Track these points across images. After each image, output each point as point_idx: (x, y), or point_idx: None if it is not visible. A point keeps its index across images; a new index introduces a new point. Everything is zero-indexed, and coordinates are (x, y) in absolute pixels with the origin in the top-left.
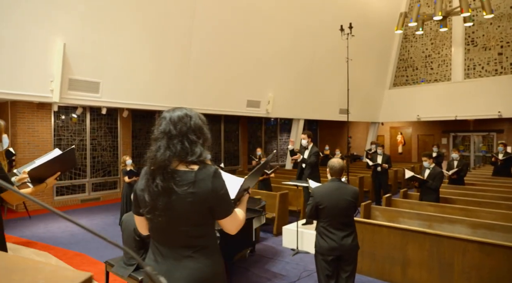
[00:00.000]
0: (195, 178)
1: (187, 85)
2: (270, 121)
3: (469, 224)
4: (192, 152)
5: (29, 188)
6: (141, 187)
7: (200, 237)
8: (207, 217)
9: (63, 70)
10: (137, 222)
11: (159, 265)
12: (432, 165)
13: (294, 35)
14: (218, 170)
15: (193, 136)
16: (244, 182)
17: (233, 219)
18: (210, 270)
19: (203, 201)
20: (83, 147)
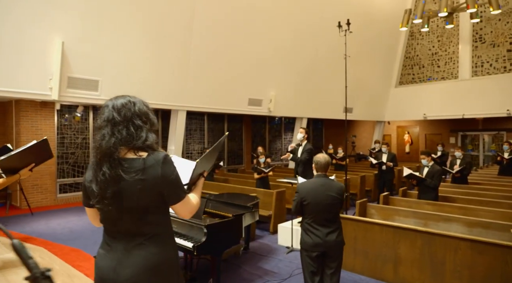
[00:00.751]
0: (144, 165)
1: (187, 83)
2: (274, 120)
3: (465, 222)
4: (138, 136)
5: (1, 178)
6: (89, 178)
7: (152, 224)
8: (159, 203)
9: (61, 68)
10: (88, 214)
11: (110, 254)
12: (431, 163)
13: (296, 33)
14: (168, 155)
15: (139, 121)
16: (196, 166)
17: (186, 204)
18: (159, 257)
19: (153, 187)
20: (86, 145)
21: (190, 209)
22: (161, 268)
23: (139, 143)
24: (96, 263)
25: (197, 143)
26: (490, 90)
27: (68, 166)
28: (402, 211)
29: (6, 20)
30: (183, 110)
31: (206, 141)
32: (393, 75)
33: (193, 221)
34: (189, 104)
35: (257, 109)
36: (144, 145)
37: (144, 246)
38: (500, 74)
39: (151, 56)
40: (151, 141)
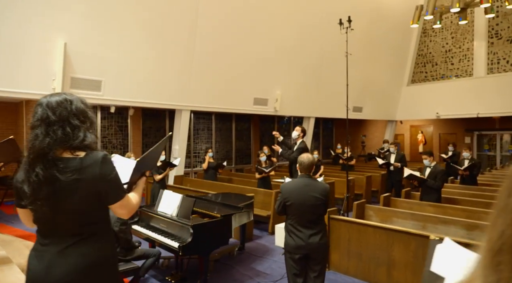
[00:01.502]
0: (81, 165)
1: (191, 83)
2: (283, 120)
3: (464, 225)
4: (76, 136)
5: None
6: (20, 178)
7: (88, 224)
8: (95, 203)
9: (64, 69)
10: (20, 215)
11: (43, 255)
12: (433, 163)
13: (301, 31)
14: (107, 155)
15: (76, 120)
16: (136, 165)
17: (125, 204)
18: (94, 257)
19: (90, 187)
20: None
21: (129, 208)
22: (95, 269)
23: (76, 142)
24: (28, 264)
25: (204, 143)
26: (507, 88)
27: None
28: (401, 212)
29: (8, 21)
30: (186, 110)
31: (213, 141)
32: (405, 73)
33: (180, 221)
34: (193, 104)
35: (263, 108)
36: (82, 144)
37: (78, 246)
38: None
39: (154, 56)
40: (89, 141)
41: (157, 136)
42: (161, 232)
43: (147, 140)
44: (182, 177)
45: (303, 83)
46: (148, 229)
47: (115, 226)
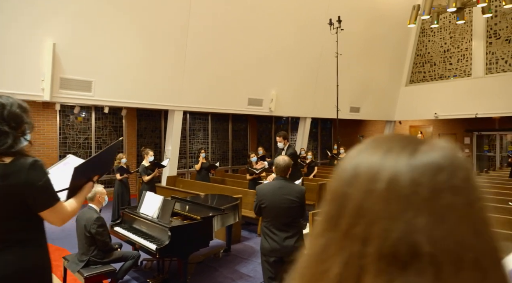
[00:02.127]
0: (5, 171)
1: (183, 83)
2: (281, 120)
3: None
4: (1, 142)
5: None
6: None
7: (14, 231)
8: (22, 210)
9: (53, 69)
10: None
11: None
12: None
13: (298, 31)
14: (37, 161)
15: (5, 126)
16: (75, 171)
17: (56, 212)
18: (16, 266)
19: (16, 194)
20: (88, 145)
21: (61, 216)
22: (19, 277)
23: (3, 148)
24: None
25: (200, 143)
26: (505, 88)
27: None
28: None
29: None
30: (179, 110)
31: (210, 141)
32: (403, 73)
33: (159, 223)
34: (186, 105)
35: (258, 109)
36: (9, 151)
37: (1, 254)
38: None
39: (145, 56)
40: (17, 148)
41: (152, 137)
42: (142, 234)
43: (142, 140)
44: (175, 177)
45: (299, 84)
46: (130, 231)
47: (92, 228)
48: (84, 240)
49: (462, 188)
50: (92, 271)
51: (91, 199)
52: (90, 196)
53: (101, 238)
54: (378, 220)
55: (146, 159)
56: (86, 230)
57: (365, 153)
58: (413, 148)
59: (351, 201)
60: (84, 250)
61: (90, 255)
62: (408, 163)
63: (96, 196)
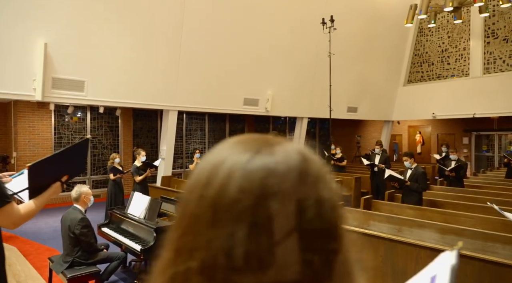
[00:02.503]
0: None
1: (178, 83)
2: (279, 120)
3: (438, 229)
4: None
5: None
6: None
7: None
8: None
9: (45, 69)
10: None
11: None
12: (414, 165)
13: (294, 30)
14: None
15: None
16: (30, 170)
17: (6, 213)
18: None
19: None
20: None
21: (12, 219)
22: None
23: None
24: None
25: (197, 143)
26: (503, 88)
27: None
28: (377, 215)
29: None
30: (174, 110)
31: (206, 141)
32: (401, 73)
33: (145, 223)
34: (180, 104)
35: (254, 109)
36: None
37: None
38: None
39: (139, 55)
40: None
41: (148, 137)
42: (128, 235)
43: (138, 140)
44: (170, 177)
45: (296, 84)
46: (117, 232)
47: (76, 229)
48: (69, 241)
49: (292, 194)
50: (76, 272)
51: (76, 200)
52: (75, 196)
53: (85, 239)
54: (203, 231)
55: (138, 159)
56: (70, 230)
57: (212, 155)
58: (257, 150)
59: (187, 208)
60: (69, 251)
61: (74, 256)
62: (243, 167)
63: (81, 196)
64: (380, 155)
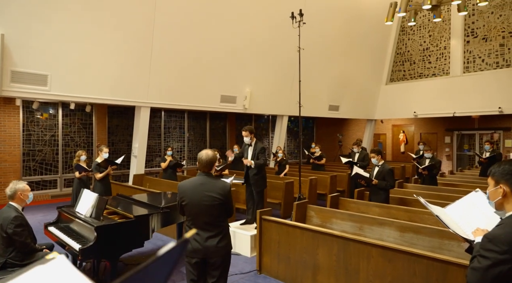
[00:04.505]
0: None
1: (150, 78)
2: (261, 119)
3: (397, 226)
4: None
5: None
6: None
7: None
8: None
9: (2, 61)
10: None
11: None
12: (381, 162)
13: (272, 25)
14: None
15: None
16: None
17: None
18: None
19: None
20: (55, 142)
21: None
22: None
23: None
24: None
25: (176, 141)
26: (482, 87)
27: (35, 163)
28: (340, 213)
29: None
30: (146, 107)
31: (186, 139)
32: (383, 71)
33: (87, 222)
34: (152, 101)
35: (231, 106)
36: None
37: None
38: (493, 70)
39: (108, 50)
40: None
41: (124, 135)
42: (74, 234)
43: (114, 138)
44: (143, 176)
45: (275, 81)
46: (62, 231)
47: (8, 228)
48: (1, 241)
49: None
50: (7, 274)
51: (11, 197)
52: (9, 193)
53: (19, 239)
54: None
55: (100, 155)
56: (3, 230)
57: None
58: None
59: None
60: (1, 251)
61: (7, 257)
62: None
63: (17, 193)
64: (358, 153)
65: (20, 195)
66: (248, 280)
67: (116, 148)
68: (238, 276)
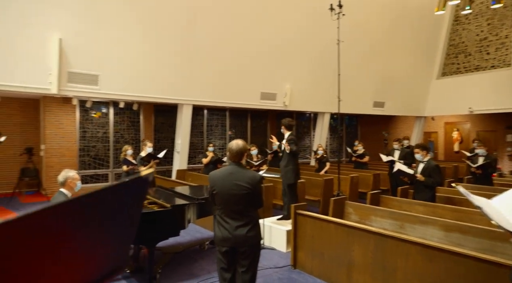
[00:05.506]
0: None
1: (192, 77)
2: (303, 117)
3: (442, 226)
4: None
5: None
6: None
7: None
8: None
9: (60, 64)
10: None
11: None
12: (427, 157)
13: (314, 19)
14: None
15: None
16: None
17: None
18: None
19: None
20: (107, 139)
21: None
22: None
23: None
24: None
25: (218, 139)
26: None
27: (89, 158)
28: (379, 210)
29: (4, 18)
30: (188, 104)
31: (227, 137)
32: (434, 65)
33: None
34: (194, 98)
35: (271, 103)
36: None
37: None
38: None
39: (151, 49)
40: None
41: (169, 132)
42: None
43: (159, 135)
44: (185, 171)
45: (315, 77)
46: None
47: None
48: None
49: None
50: None
51: (62, 184)
52: (61, 180)
53: None
54: None
55: (144, 149)
56: None
57: None
58: None
59: None
60: None
61: None
62: None
63: (67, 181)
64: (400, 150)
65: (70, 182)
66: (281, 274)
67: (161, 145)
68: (272, 270)
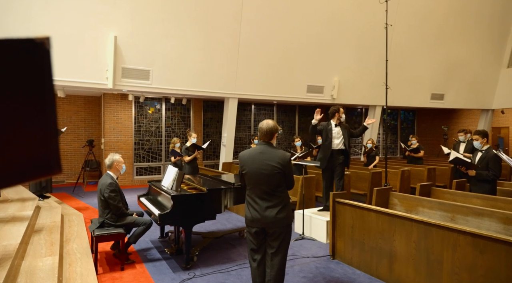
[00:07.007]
0: None
1: (238, 70)
2: (354, 111)
3: (500, 218)
4: None
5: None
6: None
7: None
8: None
9: (115, 60)
10: None
11: None
12: (486, 146)
13: (363, 8)
14: None
15: None
16: None
17: None
18: None
19: None
20: (159, 133)
21: None
22: None
23: None
24: None
25: None
26: None
27: (143, 151)
28: (427, 201)
29: (64, 19)
30: (234, 98)
31: None
32: (504, 53)
33: (166, 191)
34: (240, 92)
35: (318, 96)
36: None
37: None
38: None
39: (200, 45)
40: None
41: (217, 127)
42: (158, 204)
43: (208, 130)
44: (231, 164)
45: (365, 68)
46: (149, 201)
47: (105, 192)
48: (100, 203)
49: None
50: (103, 231)
51: (109, 167)
52: (108, 163)
53: (113, 202)
54: None
55: (190, 140)
56: (101, 194)
57: None
58: None
59: None
60: (101, 212)
61: (104, 218)
62: None
63: (114, 163)
64: (465, 143)
65: (116, 165)
66: (319, 264)
67: (210, 139)
68: (310, 259)
